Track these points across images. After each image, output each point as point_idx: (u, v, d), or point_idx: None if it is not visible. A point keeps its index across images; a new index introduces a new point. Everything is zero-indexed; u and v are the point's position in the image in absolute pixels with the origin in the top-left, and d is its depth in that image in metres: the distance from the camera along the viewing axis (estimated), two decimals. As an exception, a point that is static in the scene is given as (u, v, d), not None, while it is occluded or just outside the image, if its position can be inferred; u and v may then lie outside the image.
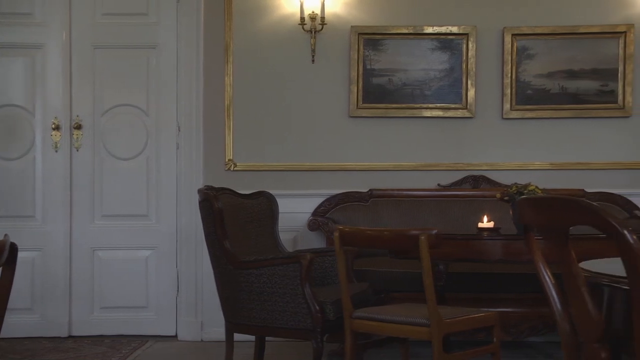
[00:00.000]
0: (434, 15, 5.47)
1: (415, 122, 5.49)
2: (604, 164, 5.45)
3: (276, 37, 5.49)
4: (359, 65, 5.45)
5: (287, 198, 5.41)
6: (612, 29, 5.38)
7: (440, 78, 5.47)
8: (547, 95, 5.43)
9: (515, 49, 5.43)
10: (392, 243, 3.11)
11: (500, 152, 5.49)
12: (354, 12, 5.49)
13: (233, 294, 4.00)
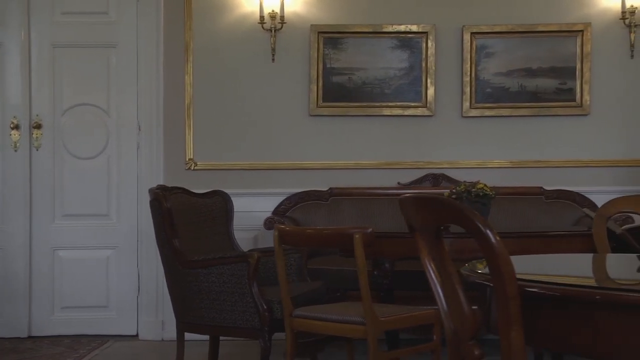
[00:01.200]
0: (394, 14, 5.48)
1: (375, 120, 5.50)
2: (562, 162, 5.48)
3: (236, 36, 5.49)
4: (318, 64, 5.46)
5: (247, 197, 5.42)
6: (569, 28, 5.41)
7: (400, 77, 5.48)
8: (506, 93, 5.46)
9: (474, 48, 5.45)
10: (328, 242, 3.13)
11: (460, 150, 5.50)
12: (314, 11, 5.49)
13: (183, 293, 4.00)
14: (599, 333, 1.44)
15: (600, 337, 1.44)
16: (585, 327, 1.46)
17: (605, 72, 5.43)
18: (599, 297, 1.43)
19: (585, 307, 1.45)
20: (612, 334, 1.42)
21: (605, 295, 1.44)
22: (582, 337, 1.46)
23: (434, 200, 1.59)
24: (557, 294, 1.46)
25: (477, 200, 3.97)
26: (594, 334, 1.44)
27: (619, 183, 5.40)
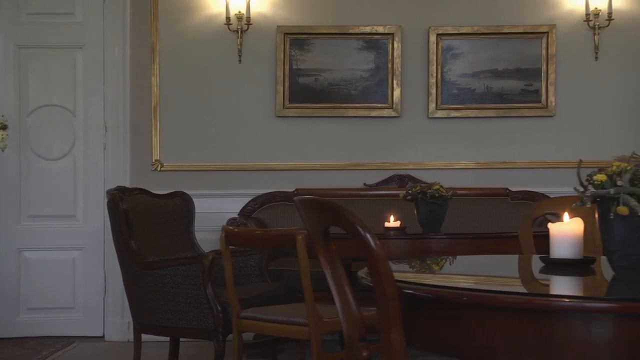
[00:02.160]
0: (360, 15, 5.49)
1: (342, 121, 5.51)
2: (528, 163, 5.49)
3: (203, 38, 5.49)
4: (285, 65, 5.46)
5: (214, 198, 5.43)
6: (535, 29, 5.43)
7: (366, 78, 5.49)
8: (472, 94, 5.47)
9: (440, 49, 5.46)
10: (272, 243, 3.13)
11: (426, 152, 5.52)
12: (280, 12, 5.50)
13: (139, 294, 4.00)
14: (467, 334, 1.45)
15: (468, 339, 1.44)
16: (456, 328, 1.47)
17: (571, 73, 5.45)
18: (466, 299, 1.44)
19: (455, 308, 1.45)
20: (480, 335, 1.43)
21: (471, 297, 1.45)
22: (453, 338, 1.47)
23: (319, 203, 1.59)
24: (430, 296, 1.47)
25: (432, 201, 3.98)
26: (464, 336, 1.45)
27: (584, 184, 5.40)
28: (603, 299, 1.48)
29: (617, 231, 2.06)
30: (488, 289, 1.52)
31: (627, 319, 1.38)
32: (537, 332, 1.37)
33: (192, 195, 5.36)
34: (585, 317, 1.37)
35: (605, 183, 2.08)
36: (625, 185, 2.04)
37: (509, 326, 1.38)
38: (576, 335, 1.38)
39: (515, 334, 1.39)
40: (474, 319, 1.44)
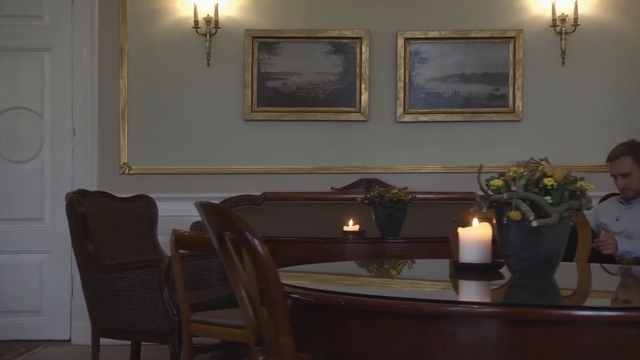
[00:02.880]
0: (328, 19, 5.50)
1: (310, 125, 5.51)
2: (495, 168, 5.42)
3: (171, 41, 5.49)
4: (253, 68, 5.47)
5: (182, 201, 5.40)
6: (502, 34, 5.45)
7: (334, 82, 5.50)
8: (440, 99, 5.49)
9: (408, 53, 5.48)
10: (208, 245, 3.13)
11: (393, 156, 5.53)
12: (248, 16, 5.50)
13: (97, 297, 4.00)
14: (348, 338, 1.45)
15: (348, 342, 1.44)
16: (338, 332, 1.47)
17: (538, 78, 5.47)
18: (344, 303, 1.44)
19: (336, 312, 1.45)
20: (359, 339, 1.43)
21: (349, 301, 1.45)
22: (335, 343, 1.47)
23: (214, 208, 1.60)
24: (312, 300, 1.47)
25: (390, 205, 3.99)
26: (345, 340, 1.45)
27: (551, 188, 5.42)
28: (463, 303, 1.47)
29: (513, 236, 2.08)
30: (365, 293, 1.52)
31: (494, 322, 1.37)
32: (410, 336, 1.37)
33: (160, 199, 5.37)
34: (449, 321, 1.37)
35: (501, 188, 2.10)
36: (519, 190, 2.06)
37: (384, 330, 1.39)
38: (445, 339, 1.38)
39: (391, 337, 1.39)
40: (354, 323, 1.44)
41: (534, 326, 1.39)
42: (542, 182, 2.08)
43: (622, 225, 4.06)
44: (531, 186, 2.09)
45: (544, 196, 2.07)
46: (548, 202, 2.05)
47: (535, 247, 2.03)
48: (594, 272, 2.51)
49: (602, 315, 1.42)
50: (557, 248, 2.08)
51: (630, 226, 4.02)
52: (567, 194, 2.09)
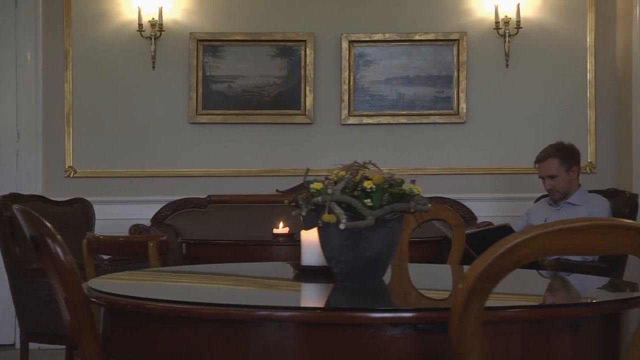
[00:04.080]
0: (273, 22, 5.51)
1: (255, 128, 5.52)
2: (440, 169, 5.53)
3: (116, 44, 5.49)
4: (198, 71, 5.47)
5: (128, 204, 5.42)
6: (446, 37, 5.47)
7: (279, 84, 5.51)
8: (385, 101, 5.51)
9: (352, 56, 5.49)
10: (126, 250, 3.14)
11: (338, 158, 5.43)
12: (193, 19, 5.51)
13: (24, 301, 3.99)
14: (155, 344, 1.44)
15: (154, 348, 1.44)
16: (145, 338, 1.46)
17: (482, 80, 5.50)
18: (130, 307, 1.44)
19: (143, 318, 1.45)
20: (166, 345, 1.42)
21: (154, 308, 1.45)
22: (143, 349, 1.47)
23: (24, 212, 1.60)
24: (121, 305, 1.46)
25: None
26: (152, 346, 1.45)
27: (495, 190, 5.46)
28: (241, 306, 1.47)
29: (332, 238, 2.09)
30: (169, 298, 1.53)
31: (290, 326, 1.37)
32: (216, 341, 1.37)
33: (105, 202, 5.37)
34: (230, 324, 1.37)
35: (321, 191, 2.11)
36: (337, 193, 2.07)
37: (191, 336, 1.38)
38: (226, 344, 1.38)
39: (194, 343, 1.39)
40: (163, 329, 1.43)
41: (323, 328, 1.40)
42: (362, 185, 2.10)
43: (550, 227, 4.08)
44: (349, 189, 2.10)
45: (364, 199, 2.08)
46: (367, 205, 2.07)
47: (356, 249, 2.05)
48: (446, 274, 2.52)
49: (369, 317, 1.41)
50: (383, 250, 2.09)
51: (557, 227, 4.04)
52: (387, 197, 2.10)
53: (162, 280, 2.29)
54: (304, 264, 2.27)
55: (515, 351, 1.39)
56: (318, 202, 2.08)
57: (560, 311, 1.50)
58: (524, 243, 1.18)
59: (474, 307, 1.18)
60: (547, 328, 1.42)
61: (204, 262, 3.86)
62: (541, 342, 1.41)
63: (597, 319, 1.48)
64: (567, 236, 1.20)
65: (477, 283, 1.17)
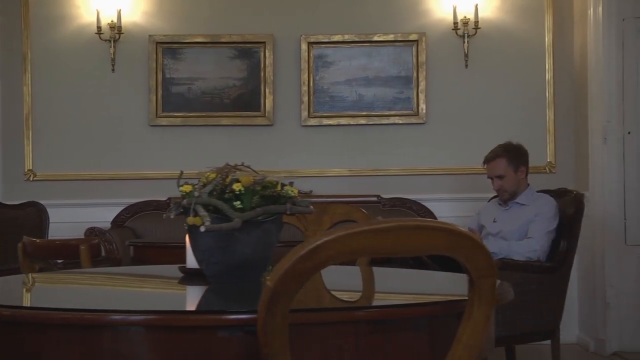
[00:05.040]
0: (232, 24, 5.51)
1: (215, 130, 5.52)
2: (399, 170, 5.53)
3: (76, 47, 5.48)
4: (157, 74, 5.46)
5: (88, 207, 5.41)
6: (405, 38, 5.48)
7: (239, 86, 5.51)
8: (344, 102, 5.51)
9: (312, 57, 5.49)
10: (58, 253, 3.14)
11: (299, 159, 5.54)
12: (153, 21, 5.50)
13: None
14: (20, 350, 1.44)
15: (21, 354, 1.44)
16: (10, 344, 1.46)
17: (441, 81, 5.51)
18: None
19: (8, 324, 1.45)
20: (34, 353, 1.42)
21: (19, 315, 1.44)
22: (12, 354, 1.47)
23: None
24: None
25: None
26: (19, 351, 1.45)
27: (455, 191, 5.47)
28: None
29: (202, 240, 2.09)
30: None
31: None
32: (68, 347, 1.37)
33: (65, 205, 5.37)
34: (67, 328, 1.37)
35: (189, 194, 2.11)
36: (203, 196, 2.07)
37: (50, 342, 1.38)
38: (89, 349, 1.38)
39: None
40: (30, 337, 1.42)
41: (166, 331, 1.39)
42: (231, 188, 2.10)
43: (498, 227, 4.10)
44: (217, 192, 2.10)
45: (235, 201, 2.08)
46: (237, 207, 2.07)
47: (227, 251, 2.05)
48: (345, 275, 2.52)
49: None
50: (256, 252, 2.09)
51: (505, 227, 4.06)
52: (257, 199, 2.10)
53: (48, 283, 2.30)
54: (189, 266, 2.28)
55: (349, 352, 1.39)
56: (185, 205, 2.08)
57: (394, 312, 1.48)
58: (326, 245, 1.18)
59: (278, 309, 1.18)
60: (384, 329, 1.42)
61: (150, 264, 3.86)
62: (377, 342, 1.41)
63: (437, 318, 1.47)
64: (372, 237, 1.19)
65: (280, 285, 1.17)
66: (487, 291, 1.29)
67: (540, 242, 3.91)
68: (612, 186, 4.95)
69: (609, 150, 4.97)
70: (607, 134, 4.96)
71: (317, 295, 1.94)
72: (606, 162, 4.96)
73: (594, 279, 5.03)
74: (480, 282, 1.29)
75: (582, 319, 5.29)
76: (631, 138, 4.96)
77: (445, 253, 1.24)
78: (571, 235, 4.04)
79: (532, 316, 3.91)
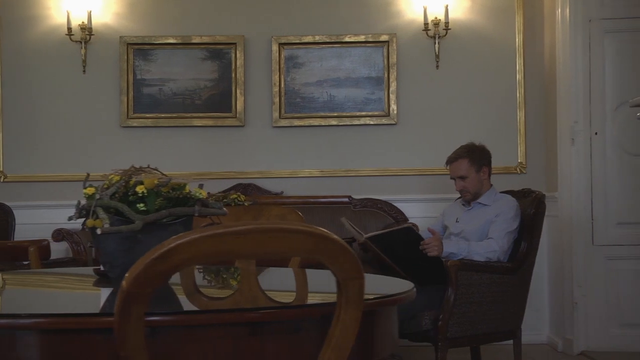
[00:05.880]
0: (203, 25, 5.51)
1: (186, 131, 5.52)
2: (371, 171, 5.54)
3: (46, 48, 5.48)
4: (129, 75, 5.47)
5: (59, 209, 5.37)
6: (376, 39, 5.48)
7: (210, 87, 5.51)
8: (316, 103, 5.51)
9: (283, 58, 5.50)
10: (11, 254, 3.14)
11: (270, 160, 5.54)
12: (124, 23, 5.50)
13: None
14: None
15: None
16: None
17: (412, 82, 5.51)
18: None
19: None
20: None
21: None
22: None
23: None
24: None
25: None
26: None
27: (426, 191, 5.47)
28: None
29: (104, 243, 2.09)
30: None
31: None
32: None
33: (36, 207, 5.37)
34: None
35: (92, 196, 2.11)
36: (105, 198, 2.07)
37: None
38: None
39: None
40: None
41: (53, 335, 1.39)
42: (134, 190, 2.10)
43: (460, 227, 4.10)
44: (119, 194, 2.10)
45: (139, 203, 2.08)
46: (140, 209, 2.07)
47: (131, 254, 2.05)
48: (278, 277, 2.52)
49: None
50: None
51: (466, 228, 4.06)
52: (160, 201, 2.10)
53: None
54: (103, 269, 2.28)
55: (226, 355, 1.39)
56: (84, 207, 2.08)
57: (273, 314, 1.48)
58: (179, 247, 1.18)
59: (133, 312, 1.18)
60: (262, 331, 1.42)
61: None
62: (255, 345, 1.41)
63: (318, 321, 1.47)
64: (230, 241, 1.19)
65: (132, 288, 1.17)
66: (354, 293, 1.29)
67: (500, 243, 3.92)
68: (579, 187, 4.96)
69: (577, 151, 4.97)
70: (574, 135, 4.97)
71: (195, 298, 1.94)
72: (574, 163, 4.97)
73: (563, 279, 5.03)
74: (347, 284, 1.29)
75: (552, 319, 5.29)
76: (598, 139, 4.96)
77: (308, 256, 1.24)
78: (532, 236, 4.05)
79: (494, 316, 3.92)
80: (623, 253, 4.88)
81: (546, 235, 5.34)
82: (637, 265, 4.90)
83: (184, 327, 1.39)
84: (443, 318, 3.72)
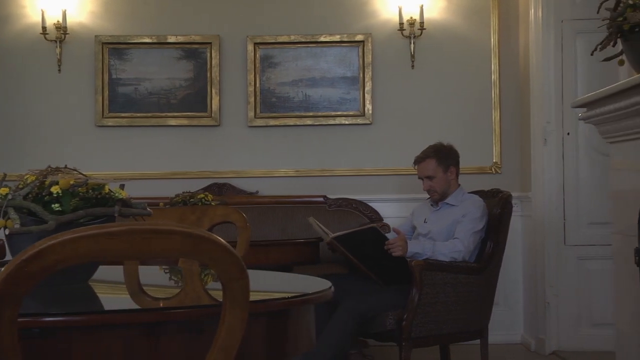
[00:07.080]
0: (178, 25, 5.51)
1: (162, 130, 5.52)
2: (347, 171, 5.53)
3: (21, 47, 5.48)
4: (104, 74, 5.47)
5: (34, 208, 5.40)
6: (351, 39, 5.48)
7: (185, 87, 5.51)
8: (291, 103, 5.51)
9: (258, 58, 5.50)
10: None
11: (245, 160, 5.54)
12: (99, 22, 5.50)
13: None
14: None
15: None
16: None
17: (388, 82, 5.51)
18: None
19: None
20: None
21: None
22: None
23: None
24: None
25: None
26: None
27: (400, 191, 5.47)
28: None
29: (20, 244, 2.07)
30: None
31: None
32: None
33: (11, 206, 5.35)
34: None
35: (5, 196, 2.10)
36: (17, 198, 2.07)
37: None
38: None
39: None
40: None
41: None
42: (49, 190, 2.09)
43: (428, 227, 4.10)
44: (33, 194, 2.10)
45: (54, 204, 2.08)
46: (55, 210, 2.06)
47: None
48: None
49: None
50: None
51: (434, 228, 4.06)
52: (76, 201, 2.09)
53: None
54: None
55: (118, 357, 1.39)
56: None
57: (168, 314, 1.47)
58: (51, 248, 1.17)
59: (5, 312, 1.17)
60: (159, 331, 1.42)
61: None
62: (151, 346, 1.40)
63: (202, 321, 1.46)
64: (103, 241, 1.18)
65: (4, 288, 1.17)
66: (239, 294, 1.28)
67: (465, 243, 3.91)
68: (551, 187, 4.96)
69: (549, 151, 4.97)
70: (547, 135, 4.97)
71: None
72: (546, 163, 4.97)
73: (536, 279, 5.03)
74: (230, 285, 1.28)
75: (526, 319, 5.29)
76: (570, 139, 4.96)
77: (186, 257, 1.24)
78: (498, 236, 4.05)
79: (459, 316, 3.92)
80: (594, 253, 4.87)
81: (520, 235, 5.35)
82: (608, 265, 4.88)
83: (75, 329, 1.39)
84: (407, 318, 3.72)
